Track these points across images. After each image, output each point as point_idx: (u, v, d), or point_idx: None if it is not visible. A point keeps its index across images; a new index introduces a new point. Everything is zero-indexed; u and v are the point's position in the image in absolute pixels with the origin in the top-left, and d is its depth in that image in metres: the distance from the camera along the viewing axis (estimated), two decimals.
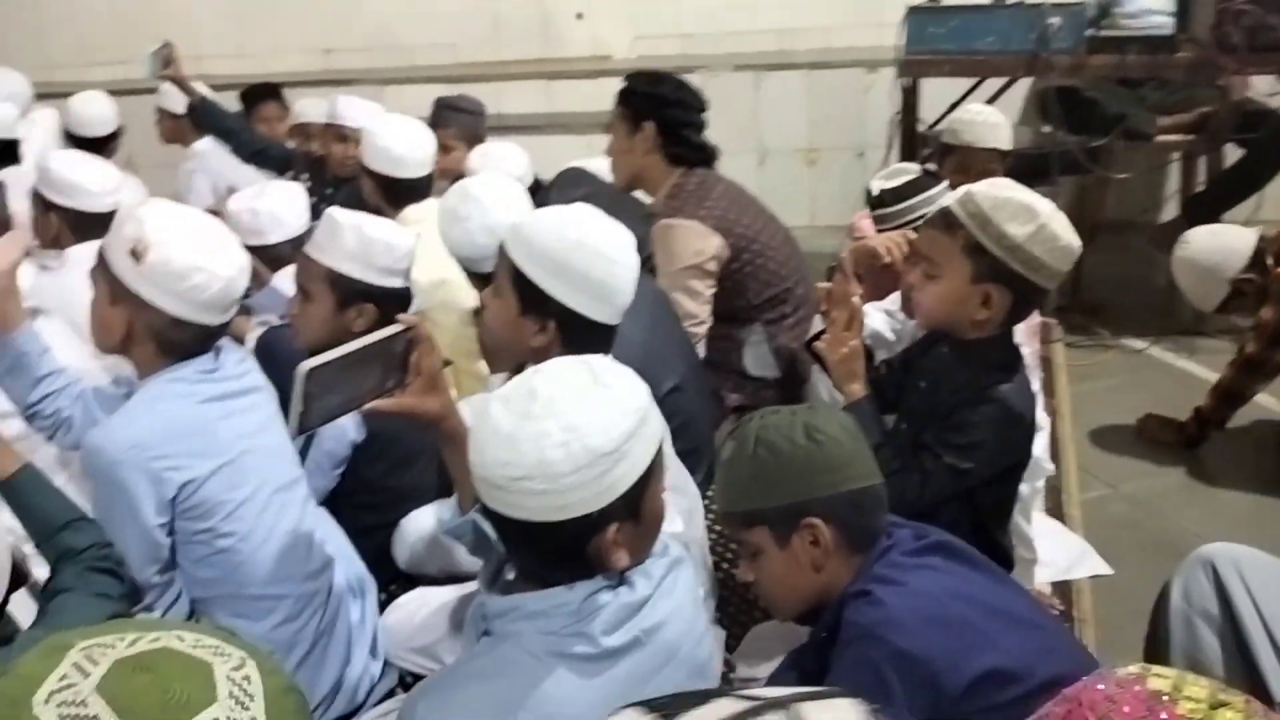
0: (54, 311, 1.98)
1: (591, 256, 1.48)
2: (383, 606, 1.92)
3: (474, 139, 3.24)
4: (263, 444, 1.64)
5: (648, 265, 2.61)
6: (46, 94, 4.49)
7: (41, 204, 2.38)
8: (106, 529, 1.51)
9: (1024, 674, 1.17)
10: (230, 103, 3.80)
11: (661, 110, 2.42)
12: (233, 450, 1.59)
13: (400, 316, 1.31)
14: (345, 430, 1.92)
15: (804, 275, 2.53)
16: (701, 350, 2.43)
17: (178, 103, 3.70)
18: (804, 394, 2.32)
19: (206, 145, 3.76)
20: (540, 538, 1.05)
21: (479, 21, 4.68)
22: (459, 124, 3.26)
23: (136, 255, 1.49)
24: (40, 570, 1.38)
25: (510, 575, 1.24)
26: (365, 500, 1.96)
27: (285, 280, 2.26)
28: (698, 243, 2.35)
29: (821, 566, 1.28)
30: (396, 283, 1.91)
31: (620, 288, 1.52)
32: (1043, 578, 2.09)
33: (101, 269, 1.56)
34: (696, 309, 2.39)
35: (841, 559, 1.29)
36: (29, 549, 1.41)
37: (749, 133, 4.58)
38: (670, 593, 1.17)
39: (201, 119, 3.41)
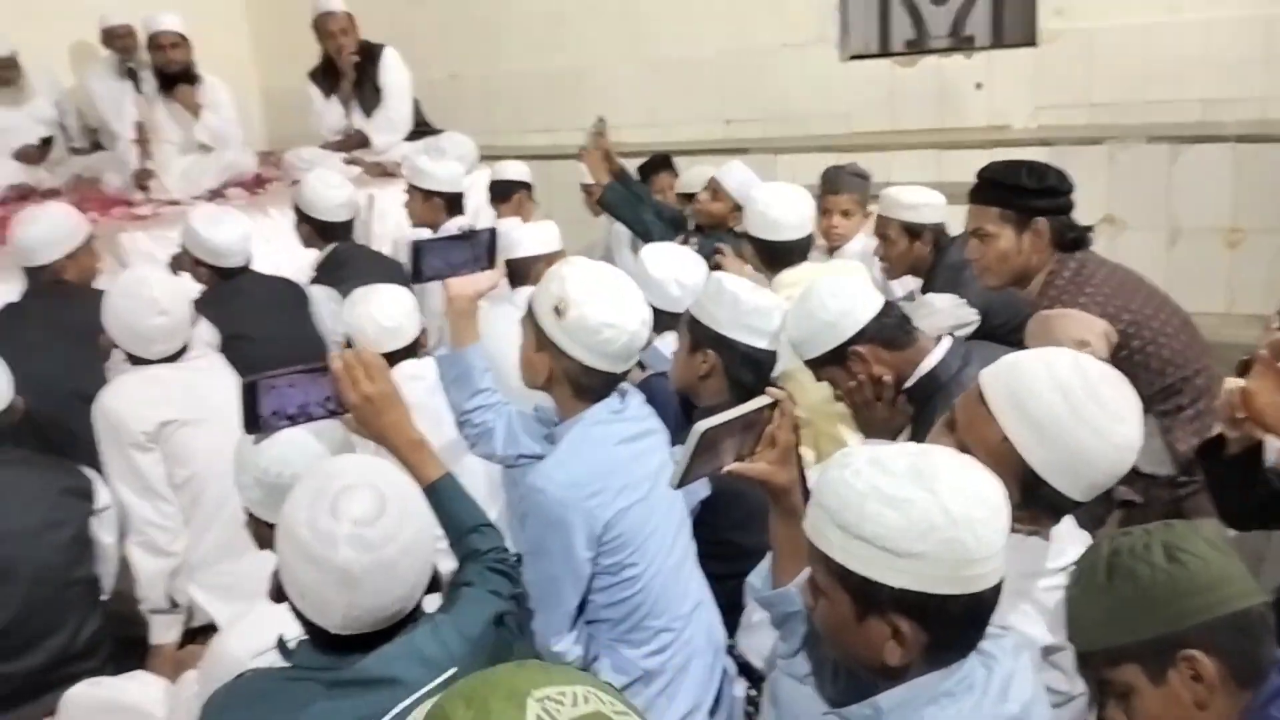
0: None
1: (1108, 450, 1.31)
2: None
3: (863, 206, 3.31)
4: (663, 483, 1.78)
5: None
6: (489, 156, 5.19)
7: None
8: (537, 562, 1.73)
9: None
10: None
11: (1054, 200, 2.23)
12: (644, 488, 1.77)
13: (769, 390, 1.36)
14: (695, 488, 2.03)
15: (1205, 364, 2.29)
16: None
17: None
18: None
19: None
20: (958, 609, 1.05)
21: (875, 92, 4.74)
22: (850, 189, 3.33)
23: (559, 312, 1.73)
24: (445, 564, 1.60)
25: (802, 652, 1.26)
26: (713, 551, 2.04)
27: (666, 343, 2.43)
28: (1080, 332, 2.14)
29: (1206, 704, 1.14)
30: (741, 336, 2.01)
31: (1115, 474, 1.36)
32: None
33: (530, 319, 1.81)
34: None
35: (1228, 694, 1.14)
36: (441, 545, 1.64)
37: (1159, 209, 4.23)
38: (1026, 674, 1.13)
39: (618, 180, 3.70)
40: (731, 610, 2.02)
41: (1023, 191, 2.23)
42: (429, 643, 1.29)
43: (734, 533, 2.04)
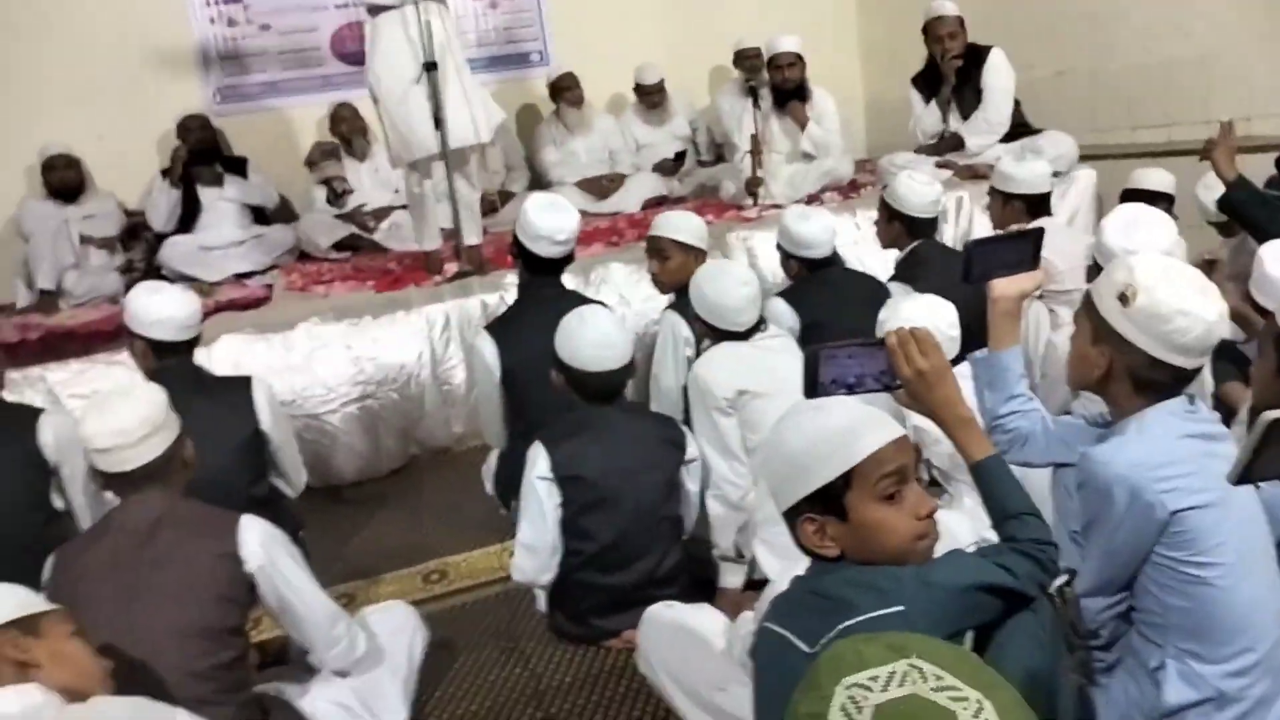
0: None
1: None
2: None
3: None
4: (1241, 493, 1.61)
5: None
6: (1093, 155, 4.90)
7: None
8: (1089, 533, 1.67)
9: None
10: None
11: None
12: (1217, 491, 1.60)
13: None
14: None
15: None
16: None
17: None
18: None
19: None
20: None
21: None
22: None
23: (1124, 299, 1.63)
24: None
25: None
26: None
27: None
28: None
29: None
30: None
31: None
32: None
33: (1088, 310, 1.73)
34: None
35: None
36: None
37: None
38: None
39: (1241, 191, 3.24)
40: None
41: None
42: (883, 577, 1.35)
43: None
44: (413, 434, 3.98)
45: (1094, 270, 2.64)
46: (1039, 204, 3.61)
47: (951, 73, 5.02)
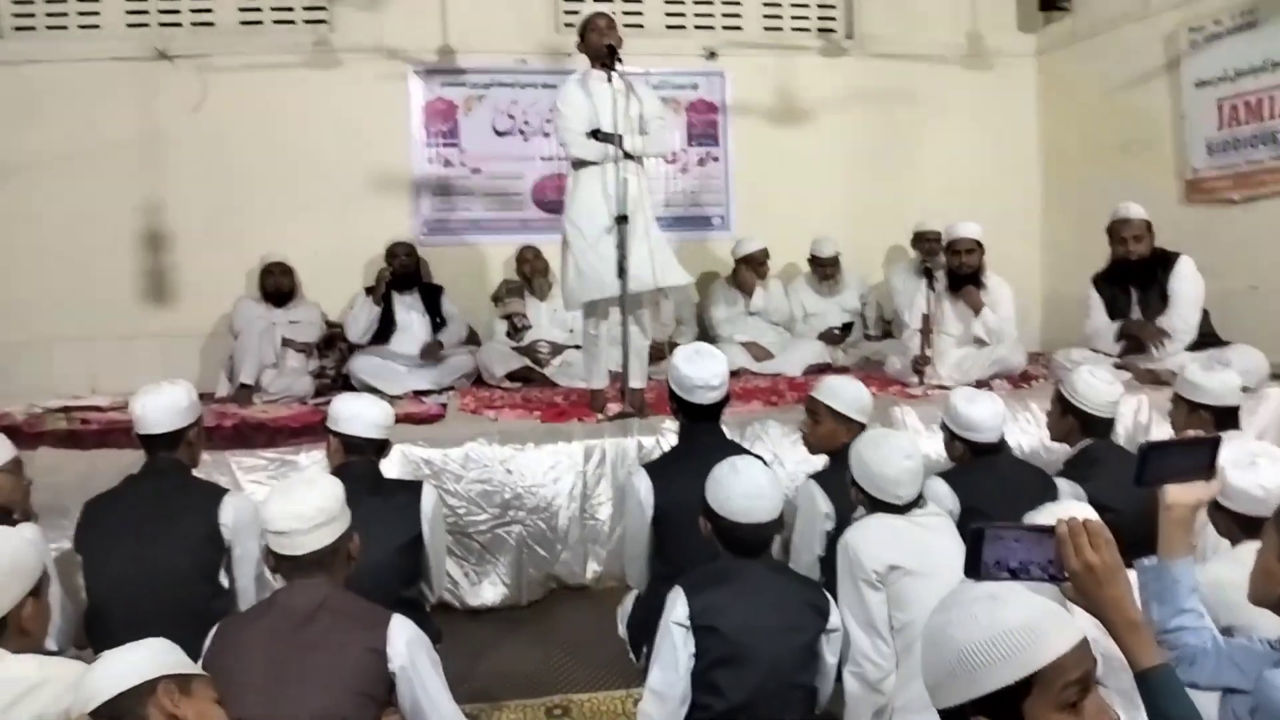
0: None
1: None
2: None
3: None
4: None
5: None
6: None
7: None
8: None
9: None
10: None
11: None
12: None
13: None
14: None
15: None
16: None
17: None
18: None
19: None
20: None
21: None
22: None
23: None
24: None
25: None
26: None
27: None
28: None
29: None
30: None
31: None
32: None
33: (1276, 524, 1.67)
34: None
35: None
36: None
37: None
38: None
39: None
40: None
41: None
42: None
43: None
44: (553, 565, 4.04)
45: (1214, 508, 2.47)
46: (1226, 417, 3.45)
47: (1141, 272, 4.92)
